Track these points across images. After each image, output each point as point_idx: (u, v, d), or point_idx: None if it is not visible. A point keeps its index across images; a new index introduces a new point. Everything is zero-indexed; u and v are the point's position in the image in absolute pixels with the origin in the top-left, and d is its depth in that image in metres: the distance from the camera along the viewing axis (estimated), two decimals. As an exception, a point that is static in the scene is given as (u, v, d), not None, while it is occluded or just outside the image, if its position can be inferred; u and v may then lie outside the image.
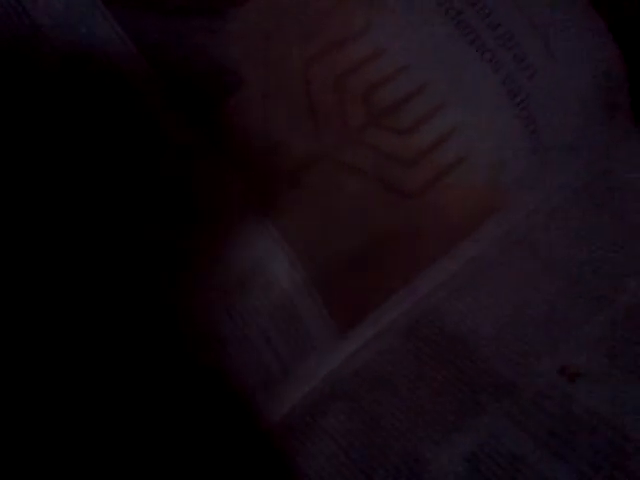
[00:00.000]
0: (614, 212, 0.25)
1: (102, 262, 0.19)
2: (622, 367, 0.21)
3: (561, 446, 0.20)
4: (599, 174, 0.26)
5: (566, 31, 0.26)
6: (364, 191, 0.22)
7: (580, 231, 0.25)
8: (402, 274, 0.23)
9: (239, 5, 0.22)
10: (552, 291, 0.23)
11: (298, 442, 0.21)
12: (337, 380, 0.22)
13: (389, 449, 0.20)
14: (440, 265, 0.24)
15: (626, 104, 0.27)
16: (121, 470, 0.19)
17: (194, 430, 0.20)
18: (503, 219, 0.25)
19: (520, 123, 0.25)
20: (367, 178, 0.23)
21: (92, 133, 0.20)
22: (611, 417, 0.20)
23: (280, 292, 0.21)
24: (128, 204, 0.20)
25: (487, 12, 0.25)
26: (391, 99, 0.23)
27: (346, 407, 0.21)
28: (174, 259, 0.20)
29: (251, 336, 0.21)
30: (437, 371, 0.22)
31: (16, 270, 0.19)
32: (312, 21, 0.23)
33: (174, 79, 0.21)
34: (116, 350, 0.19)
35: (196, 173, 0.21)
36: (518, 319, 0.23)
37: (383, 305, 0.23)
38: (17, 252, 0.19)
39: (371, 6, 0.24)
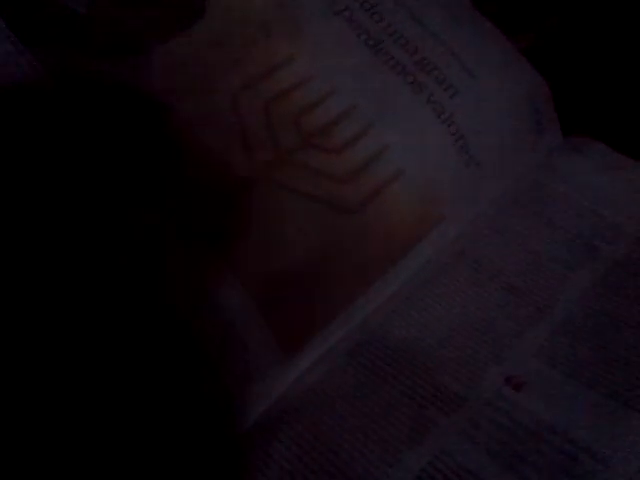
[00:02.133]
0: (548, 222, 0.26)
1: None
2: (562, 372, 0.21)
3: (512, 457, 0.20)
4: (532, 185, 0.27)
5: (483, 54, 0.27)
6: (302, 210, 0.23)
7: (517, 240, 0.25)
8: (347, 292, 0.23)
9: (163, 41, 0.23)
10: (493, 301, 0.23)
11: (253, 463, 0.20)
12: (283, 405, 0.21)
13: (340, 474, 0.20)
14: (384, 281, 0.24)
15: (553, 118, 0.29)
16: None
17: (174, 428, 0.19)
18: (442, 231, 0.25)
19: (449, 139, 0.26)
20: (304, 197, 0.23)
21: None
22: (557, 422, 0.20)
23: (221, 312, 0.21)
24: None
25: (404, 42, 0.26)
26: (321, 122, 0.24)
27: (293, 432, 0.20)
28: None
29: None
30: (383, 389, 0.21)
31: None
32: (238, 52, 0.24)
33: (97, 111, 0.21)
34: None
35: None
36: (461, 331, 0.23)
37: (329, 325, 0.22)
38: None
39: (294, 39, 0.25)
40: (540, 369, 0.21)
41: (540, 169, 0.27)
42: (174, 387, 0.20)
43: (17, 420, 0.18)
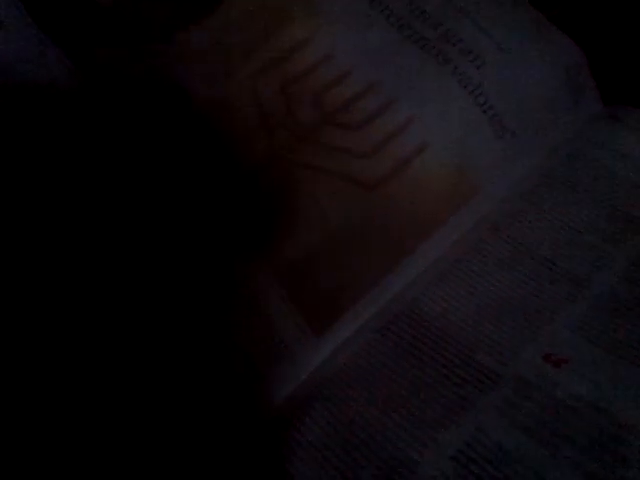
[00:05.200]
0: (586, 194, 0.24)
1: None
2: (603, 348, 0.20)
3: (551, 435, 0.19)
4: (569, 156, 0.26)
5: (511, 27, 0.26)
6: (323, 187, 0.22)
7: (553, 214, 0.24)
8: (375, 269, 0.22)
9: (184, 30, 0.23)
10: (530, 277, 0.22)
11: (285, 442, 0.20)
12: (315, 383, 0.21)
13: (373, 454, 0.19)
14: (414, 257, 0.23)
15: (591, 86, 0.27)
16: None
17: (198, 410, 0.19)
18: (475, 206, 0.24)
19: (478, 110, 0.25)
20: (325, 174, 0.23)
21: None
22: (599, 402, 0.19)
23: (259, 303, 0.21)
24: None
25: (427, 16, 0.26)
26: (341, 99, 0.24)
27: (326, 411, 0.20)
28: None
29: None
30: (418, 367, 0.21)
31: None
32: (255, 37, 0.24)
33: (125, 100, 0.22)
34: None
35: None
36: (497, 307, 0.22)
37: (358, 302, 0.22)
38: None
39: (311, 20, 0.25)
40: (580, 345, 0.20)
41: (578, 139, 0.26)
42: (206, 371, 0.20)
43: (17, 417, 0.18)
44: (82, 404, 0.18)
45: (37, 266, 0.19)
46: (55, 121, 0.21)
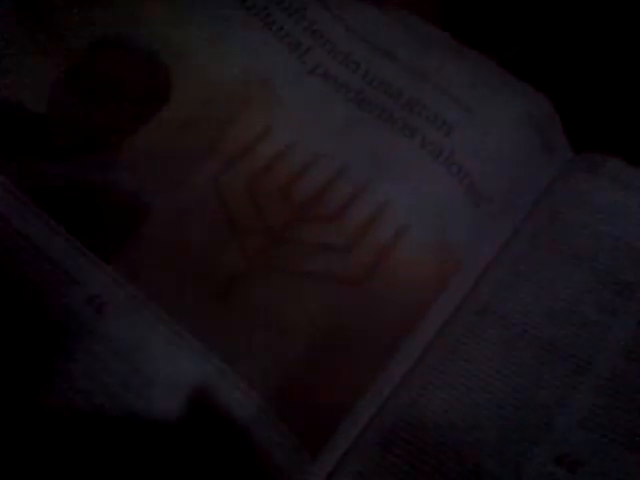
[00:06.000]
0: (573, 259, 0.23)
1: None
2: (620, 443, 0.19)
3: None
4: (549, 217, 0.25)
5: (473, 84, 0.25)
6: (303, 291, 0.21)
7: (542, 284, 0.23)
8: (364, 372, 0.21)
9: (130, 134, 0.21)
10: (528, 363, 0.21)
11: None
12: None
13: None
14: (404, 352, 0.21)
15: (560, 135, 0.26)
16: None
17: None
18: (461, 282, 0.23)
19: (452, 180, 0.24)
20: (304, 276, 0.21)
21: None
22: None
23: (235, 426, 0.19)
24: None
25: (386, 86, 0.24)
26: (311, 190, 0.22)
27: None
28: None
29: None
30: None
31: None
32: (211, 133, 0.22)
33: (73, 222, 0.20)
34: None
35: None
36: (498, 405, 0.20)
37: (353, 410, 0.20)
38: None
39: (269, 108, 0.23)
40: (593, 442, 0.19)
41: (556, 195, 0.25)
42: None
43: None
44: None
45: None
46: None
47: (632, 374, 0.20)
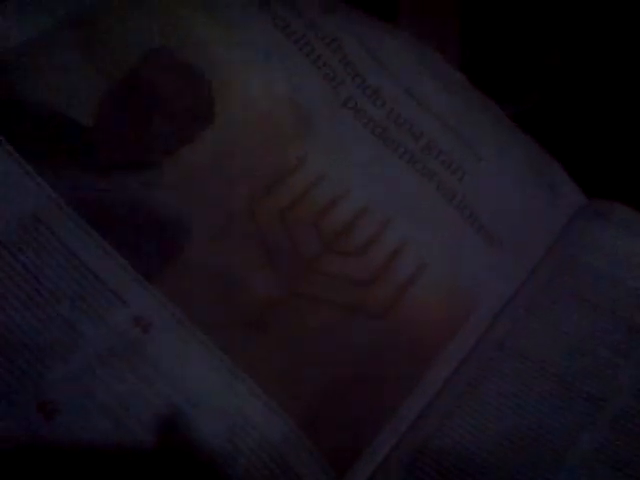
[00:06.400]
0: (583, 299, 0.25)
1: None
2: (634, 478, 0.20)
3: None
4: (562, 262, 0.26)
5: (483, 132, 0.27)
6: (330, 321, 0.22)
7: (557, 324, 0.24)
8: (388, 400, 0.22)
9: (171, 154, 0.22)
10: (544, 398, 0.22)
11: None
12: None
13: None
14: (425, 385, 0.23)
15: (566, 180, 0.28)
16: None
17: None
18: (478, 320, 0.24)
19: (465, 222, 0.25)
20: (330, 307, 0.22)
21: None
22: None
23: (268, 446, 0.20)
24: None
25: (408, 126, 0.26)
26: (339, 223, 0.23)
27: None
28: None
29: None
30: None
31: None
32: (250, 159, 0.23)
33: (117, 240, 0.20)
34: None
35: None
36: (515, 439, 0.22)
37: (376, 437, 0.22)
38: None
39: (305, 138, 0.24)
40: (604, 477, 0.20)
41: (568, 241, 0.27)
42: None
43: None
44: None
45: None
46: None
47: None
